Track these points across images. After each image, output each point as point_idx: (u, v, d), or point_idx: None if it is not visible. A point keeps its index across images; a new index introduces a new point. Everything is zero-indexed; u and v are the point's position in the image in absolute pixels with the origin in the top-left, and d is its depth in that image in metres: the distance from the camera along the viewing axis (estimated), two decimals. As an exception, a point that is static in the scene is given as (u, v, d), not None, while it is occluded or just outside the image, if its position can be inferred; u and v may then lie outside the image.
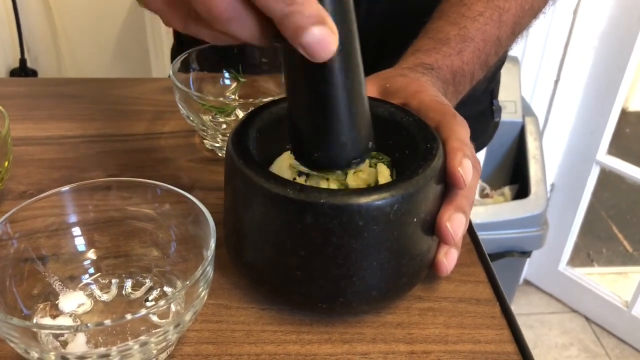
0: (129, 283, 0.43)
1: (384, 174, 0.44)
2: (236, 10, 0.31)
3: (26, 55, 1.60)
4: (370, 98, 0.42)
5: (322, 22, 0.30)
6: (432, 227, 0.41)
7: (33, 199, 0.41)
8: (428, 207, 0.39)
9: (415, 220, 0.38)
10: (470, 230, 0.51)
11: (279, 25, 0.30)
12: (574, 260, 1.80)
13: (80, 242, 0.43)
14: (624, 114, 1.67)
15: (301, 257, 0.38)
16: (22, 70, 1.59)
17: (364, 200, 0.36)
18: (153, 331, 0.35)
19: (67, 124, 0.66)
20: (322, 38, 0.30)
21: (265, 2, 0.30)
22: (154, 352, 0.37)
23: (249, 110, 0.45)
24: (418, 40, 0.55)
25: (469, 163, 0.41)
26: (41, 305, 0.40)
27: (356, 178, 0.43)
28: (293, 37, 0.30)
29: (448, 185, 0.41)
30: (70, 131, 0.64)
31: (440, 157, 0.40)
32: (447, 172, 0.40)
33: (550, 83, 1.59)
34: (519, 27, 0.60)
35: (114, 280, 0.43)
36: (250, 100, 0.56)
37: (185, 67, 0.61)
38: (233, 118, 0.59)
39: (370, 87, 0.49)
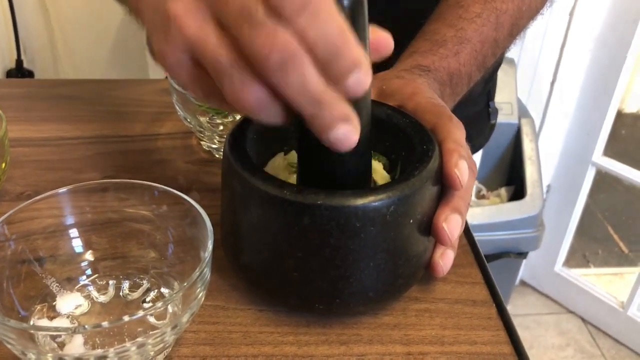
0: (126, 284, 0.43)
1: (379, 172, 0.44)
2: (265, 103, 0.31)
3: (23, 56, 1.59)
4: None
5: (347, 121, 0.31)
6: (429, 228, 0.41)
7: (30, 200, 0.41)
8: (424, 209, 0.40)
9: (411, 221, 0.39)
10: (467, 232, 0.51)
11: (308, 121, 0.31)
12: (570, 261, 1.81)
13: (77, 244, 0.43)
14: (620, 115, 1.68)
15: (298, 259, 0.38)
16: (19, 71, 1.59)
17: (360, 201, 0.36)
18: (150, 332, 0.35)
19: (64, 125, 0.66)
20: (347, 135, 0.31)
21: (297, 102, 0.31)
22: (151, 353, 0.37)
23: None
24: (415, 42, 0.55)
25: (465, 164, 0.41)
26: (38, 307, 0.40)
27: None
28: (320, 133, 0.32)
29: (444, 186, 0.41)
30: (68, 132, 0.64)
31: (436, 159, 0.40)
32: (443, 174, 0.41)
33: (546, 85, 1.60)
34: (516, 28, 0.60)
35: (111, 282, 0.43)
36: (248, 101, 0.56)
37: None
38: (230, 119, 0.59)
39: None
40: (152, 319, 0.38)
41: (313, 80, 0.30)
